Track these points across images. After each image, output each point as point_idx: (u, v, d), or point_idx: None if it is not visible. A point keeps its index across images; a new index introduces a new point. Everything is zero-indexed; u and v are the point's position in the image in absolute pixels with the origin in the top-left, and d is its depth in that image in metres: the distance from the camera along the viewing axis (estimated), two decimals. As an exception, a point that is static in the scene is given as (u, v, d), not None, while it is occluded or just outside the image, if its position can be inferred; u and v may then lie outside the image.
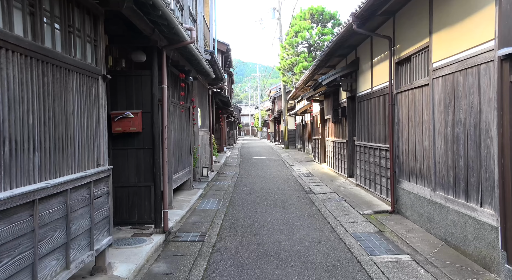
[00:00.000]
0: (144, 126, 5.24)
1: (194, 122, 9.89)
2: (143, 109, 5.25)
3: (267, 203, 7.34)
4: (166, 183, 5.29)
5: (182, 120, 7.90)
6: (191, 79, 7.28)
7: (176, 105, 7.25)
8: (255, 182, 10.20)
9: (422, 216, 4.95)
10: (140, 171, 5.26)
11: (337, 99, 10.45)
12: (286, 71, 23.34)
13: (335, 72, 8.35)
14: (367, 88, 7.56)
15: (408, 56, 5.46)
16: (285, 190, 8.75)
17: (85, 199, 3.17)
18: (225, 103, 18.40)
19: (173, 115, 7.02)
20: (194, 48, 5.93)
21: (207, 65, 7.86)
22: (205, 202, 7.52)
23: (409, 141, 5.47)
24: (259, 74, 55.91)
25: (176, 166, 7.24)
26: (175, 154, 7.16)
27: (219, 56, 16.59)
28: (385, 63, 6.43)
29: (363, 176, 7.92)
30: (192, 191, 8.42)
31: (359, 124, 8.29)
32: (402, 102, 5.71)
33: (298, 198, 7.76)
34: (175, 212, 6.35)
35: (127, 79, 5.29)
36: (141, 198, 5.23)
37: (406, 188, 5.53)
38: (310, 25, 21.51)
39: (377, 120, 6.99)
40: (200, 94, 11.07)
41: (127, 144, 5.26)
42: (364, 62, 7.78)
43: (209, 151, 12.27)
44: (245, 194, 8.40)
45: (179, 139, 7.55)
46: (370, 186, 7.40)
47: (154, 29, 4.92)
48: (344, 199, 7.30)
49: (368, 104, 7.55)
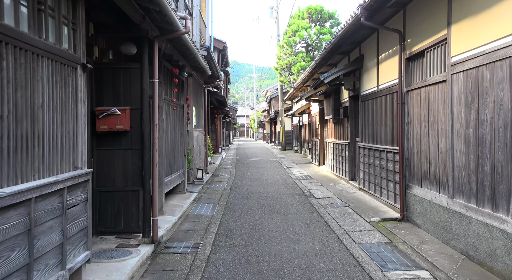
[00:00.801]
0: (133, 125, 4.75)
1: (189, 121, 9.40)
2: (131, 105, 4.76)
3: (266, 208, 6.87)
4: (156, 187, 4.80)
5: (175, 119, 7.42)
6: (186, 75, 6.81)
7: (169, 102, 6.76)
8: (252, 185, 9.73)
9: (437, 226, 4.51)
10: (128, 174, 4.77)
11: (338, 99, 10.02)
12: (284, 71, 22.93)
13: (338, 69, 7.92)
14: (373, 87, 7.14)
15: (421, 51, 5.03)
16: (284, 194, 8.30)
17: (56, 209, 2.68)
18: (221, 103, 17.92)
19: (165, 113, 6.54)
20: (189, 40, 5.46)
21: (203, 61, 7.39)
22: (199, 207, 7.04)
23: (421, 142, 5.04)
24: (255, 75, 55.52)
25: (169, 168, 6.75)
26: (168, 155, 6.68)
27: (216, 54, 16.12)
28: (393, 59, 6.00)
29: (367, 180, 7.49)
30: (186, 195, 7.93)
31: (362, 125, 7.86)
32: (414, 101, 5.29)
33: (298, 203, 7.31)
34: (166, 218, 5.86)
35: (115, 73, 4.80)
36: (128, 204, 4.74)
37: (418, 194, 5.10)
38: (309, 25, 21.14)
39: (383, 121, 6.56)
40: (196, 92, 10.59)
41: (113, 144, 4.76)
42: (369, 59, 7.36)
43: (204, 152, 11.79)
44: (242, 198, 7.93)
45: (171, 139, 7.06)
46: (375, 191, 6.96)
47: (145, 17, 4.44)
48: (347, 204, 6.86)
49: (373, 103, 7.12)
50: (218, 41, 15.59)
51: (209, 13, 12.59)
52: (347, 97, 9.24)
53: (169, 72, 6.72)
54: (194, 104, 10.09)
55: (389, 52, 6.24)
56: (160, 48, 4.98)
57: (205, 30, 12.62)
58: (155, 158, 4.80)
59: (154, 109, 4.79)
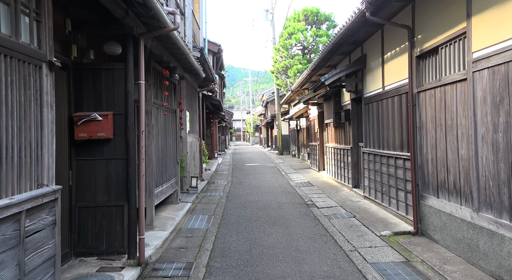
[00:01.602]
0: (116, 132, 4.24)
1: (182, 127, 8.89)
2: (115, 110, 4.25)
3: (265, 220, 6.36)
4: (142, 202, 4.28)
5: (167, 125, 6.91)
6: (177, 77, 6.31)
7: (160, 107, 6.26)
8: (250, 193, 9.21)
9: (459, 242, 4.02)
10: (111, 187, 4.24)
11: (339, 101, 9.56)
12: (280, 74, 22.52)
13: (339, 70, 7.46)
14: (377, 88, 6.68)
15: (434, 48, 4.58)
16: (284, 203, 7.79)
17: (9, 239, 2.17)
18: (217, 107, 17.43)
19: (155, 118, 6.03)
20: (179, 38, 4.98)
21: (196, 62, 6.90)
22: (193, 219, 6.51)
23: (437, 148, 4.57)
24: (251, 79, 55.14)
25: (159, 178, 6.23)
26: (158, 163, 6.16)
27: (210, 57, 15.65)
28: (401, 58, 5.55)
29: (372, 188, 7.01)
30: (179, 205, 7.40)
31: (366, 129, 7.39)
32: (426, 103, 4.82)
33: (300, 214, 6.80)
34: (157, 233, 5.33)
35: (96, 74, 4.29)
36: (112, 221, 4.21)
37: (434, 205, 4.62)
38: (305, 27, 20.80)
39: (390, 125, 6.09)
40: (189, 96, 10.09)
41: (94, 154, 4.24)
42: (373, 58, 6.91)
43: (199, 159, 11.27)
44: (239, 208, 7.41)
45: (163, 146, 6.55)
46: (382, 200, 6.48)
47: (128, 11, 3.94)
48: (353, 215, 6.36)
49: (378, 106, 6.66)
50: (213, 43, 15.13)
51: (203, 15, 12.13)
52: (348, 100, 8.78)
53: (159, 74, 6.22)
54: (187, 108, 9.60)
55: (396, 50, 5.79)
56: (146, 46, 4.48)
57: (198, 32, 12.15)
58: (142, 168, 4.28)
59: (140, 114, 4.28)
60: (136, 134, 4.31)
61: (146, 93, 5.66)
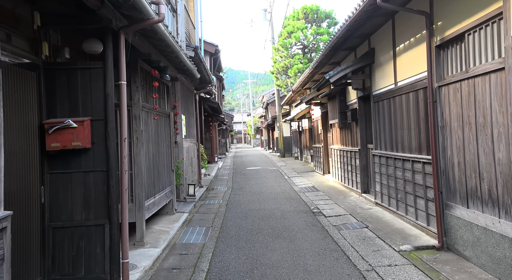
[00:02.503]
0: (95, 140, 3.66)
1: (177, 131, 8.33)
2: (93, 116, 3.68)
3: (268, 232, 5.77)
4: (125, 219, 3.70)
5: (159, 130, 6.34)
6: (168, 78, 5.74)
7: (150, 110, 5.68)
8: (251, 200, 8.62)
9: (499, 262, 3.42)
10: (90, 204, 3.66)
11: (344, 100, 8.98)
12: (280, 75, 21.97)
13: (345, 66, 6.88)
14: (389, 84, 6.09)
15: (459, 35, 4.00)
16: (287, 212, 7.19)
17: None
18: (215, 110, 16.86)
19: (145, 123, 5.46)
20: (166, 32, 4.40)
21: (189, 61, 6.33)
22: (189, 232, 5.92)
23: (465, 150, 3.98)
24: (251, 81, 54.65)
25: (151, 188, 5.65)
26: (150, 173, 5.58)
27: (207, 59, 15.11)
28: (417, 49, 4.97)
29: (385, 194, 6.41)
30: (174, 216, 6.82)
31: (376, 129, 6.80)
32: (450, 98, 4.24)
33: (306, 224, 6.20)
34: (147, 252, 4.74)
35: (71, 75, 3.71)
36: (91, 243, 3.62)
37: (463, 217, 4.02)
38: (304, 25, 20.27)
39: (405, 124, 5.51)
40: (185, 99, 9.53)
41: (70, 166, 3.66)
42: (383, 52, 6.33)
43: (197, 164, 10.69)
44: (239, 218, 6.82)
45: (155, 153, 5.97)
46: (397, 207, 5.88)
47: (103, 0, 3.38)
48: (365, 225, 5.76)
49: (390, 104, 6.07)
50: (209, 44, 14.58)
51: (198, 13, 11.58)
52: (355, 99, 8.20)
53: (148, 75, 5.65)
54: (183, 112, 9.03)
55: (410, 41, 5.21)
56: (128, 41, 3.92)
57: (194, 32, 11.60)
58: (124, 181, 3.70)
59: (122, 119, 3.71)
60: (118, 143, 3.74)
61: (134, 96, 5.09)
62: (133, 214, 4.97)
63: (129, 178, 5.02)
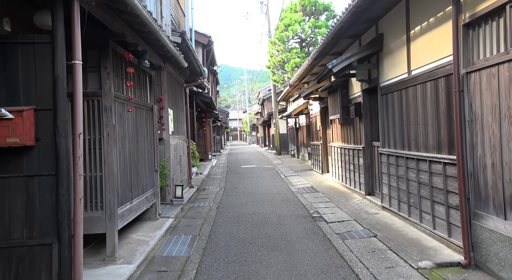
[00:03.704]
0: (41, 136, 2.89)
1: (164, 127, 7.56)
2: (37, 104, 2.91)
3: (262, 242, 5.02)
4: (79, 239, 2.93)
5: (139, 125, 5.56)
6: (147, 63, 4.96)
7: (125, 102, 4.90)
8: (244, 202, 7.88)
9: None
10: (33, 218, 2.89)
11: (346, 94, 8.24)
12: (277, 70, 21.21)
13: (350, 54, 6.13)
14: (400, 74, 5.36)
15: (496, 8, 3.26)
16: (285, 216, 6.45)
17: None
18: (209, 105, 16.07)
19: (120, 117, 4.69)
20: (140, 5, 3.62)
21: (174, 47, 5.54)
22: (173, 242, 5.17)
23: (502, 149, 3.25)
24: (246, 77, 53.83)
25: (127, 192, 4.89)
26: (125, 174, 4.82)
27: (199, 50, 14.30)
28: (439, 30, 4.23)
29: (394, 197, 5.69)
30: (157, 222, 6.06)
31: (384, 125, 6.07)
32: (482, 87, 3.50)
33: (306, 232, 5.47)
34: (117, 269, 3.98)
35: (8, 52, 2.94)
36: (34, 268, 2.86)
37: (499, 230, 3.30)
38: (302, 18, 19.51)
39: (420, 119, 4.77)
40: (173, 92, 8.75)
41: (7, 169, 2.89)
42: (394, 37, 5.58)
43: (186, 163, 9.92)
44: (231, 224, 6.07)
45: (132, 152, 5.20)
46: (409, 213, 5.16)
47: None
48: (373, 234, 5.04)
49: (401, 96, 5.34)
50: (202, 35, 13.76)
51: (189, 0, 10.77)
52: (358, 92, 7.46)
53: (123, 60, 4.86)
54: (171, 106, 8.25)
55: (429, 22, 4.46)
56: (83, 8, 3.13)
57: (183, 20, 10.78)
58: (78, 188, 2.93)
59: (75, 108, 2.93)
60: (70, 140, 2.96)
61: (104, 83, 4.31)
62: (102, 223, 4.20)
63: (99, 181, 4.25)
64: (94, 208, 4.22)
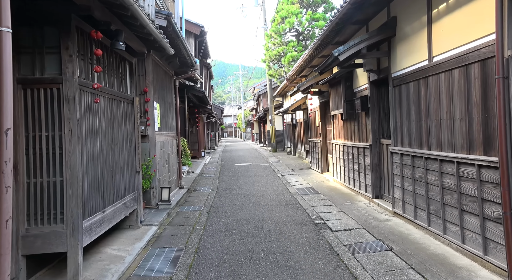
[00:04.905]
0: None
1: (148, 123, 6.79)
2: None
3: (259, 256, 4.29)
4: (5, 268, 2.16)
5: (115, 120, 4.79)
6: (122, 46, 4.17)
7: (94, 91, 4.12)
8: (239, 206, 7.14)
9: None
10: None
11: (350, 87, 7.51)
12: (273, 64, 20.45)
13: (359, 40, 5.39)
14: (418, 61, 4.63)
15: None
16: (284, 223, 5.73)
17: None
18: (202, 100, 15.26)
19: (88, 110, 3.92)
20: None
21: (154, 27, 4.75)
22: (154, 256, 4.42)
23: None
24: (241, 72, 52.96)
25: (98, 200, 4.12)
26: (94, 178, 4.05)
27: (191, 41, 13.47)
28: (473, 6, 3.51)
29: (409, 202, 4.99)
30: (138, 231, 5.31)
31: (396, 120, 5.36)
32: (536, 72, 2.79)
33: (309, 243, 4.75)
34: (80, 298, 3.23)
35: None
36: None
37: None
38: (299, 10, 18.77)
39: (445, 112, 4.06)
40: (161, 84, 7.97)
41: None
42: (410, 19, 4.85)
43: (176, 162, 9.15)
44: (223, 233, 5.33)
45: (106, 151, 4.43)
46: (429, 223, 4.46)
47: None
48: (388, 247, 4.33)
49: (419, 86, 4.62)
50: (194, 24, 12.93)
51: (179, -15, 9.94)
52: (365, 84, 6.74)
53: (90, 40, 4.07)
54: (157, 99, 7.48)
55: (458, -4, 3.73)
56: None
57: (173, 7, 9.95)
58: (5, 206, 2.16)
59: (3, 96, 2.15)
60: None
61: (66, 68, 3.54)
62: (63, 240, 3.44)
63: (58, 187, 3.49)
64: (53, 221, 3.46)
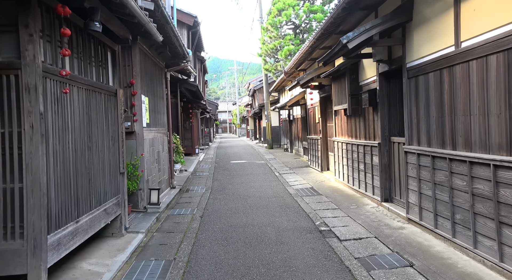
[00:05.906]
0: None
1: (135, 118, 6.16)
2: None
3: (259, 273, 3.70)
4: None
5: (93, 114, 4.15)
6: (97, 26, 3.52)
7: (67, 81, 3.48)
8: (235, 209, 6.55)
9: None
10: None
11: (356, 79, 6.93)
12: (269, 58, 19.82)
13: (371, 26, 4.79)
14: (442, 48, 4.05)
15: None
16: (285, 230, 5.15)
17: None
18: (195, 94, 14.60)
19: (56, 101, 3.29)
20: None
21: (138, 8, 4.11)
22: (138, 272, 3.81)
23: None
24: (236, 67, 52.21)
25: (70, 208, 3.50)
26: (67, 182, 3.42)
27: (184, 32, 12.78)
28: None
29: (428, 209, 4.43)
30: (122, 240, 4.70)
31: (412, 116, 4.79)
32: None
33: (315, 255, 4.17)
34: None
35: None
36: None
37: None
38: (296, 2, 18.15)
39: (475, 107, 3.50)
40: (150, 77, 7.33)
41: None
42: (431, 1, 4.26)
43: (167, 160, 8.52)
44: (217, 242, 4.74)
45: (82, 151, 3.81)
46: (455, 234, 3.90)
47: None
48: (408, 262, 3.76)
49: (442, 77, 4.05)
50: (186, 14, 12.24)
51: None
52: (373, 76, 6.16)
53: (59, 18, 3.41)
54: (146, 92, 6.84)
55: (498, -32, 3.15)
56: None
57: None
58: None
59: None
60: None
61: (26, 50, 2.90)
62: (22, 260, 2.82)
63: (17, 196, 2.86)
64: (10, 237, 2.83)
